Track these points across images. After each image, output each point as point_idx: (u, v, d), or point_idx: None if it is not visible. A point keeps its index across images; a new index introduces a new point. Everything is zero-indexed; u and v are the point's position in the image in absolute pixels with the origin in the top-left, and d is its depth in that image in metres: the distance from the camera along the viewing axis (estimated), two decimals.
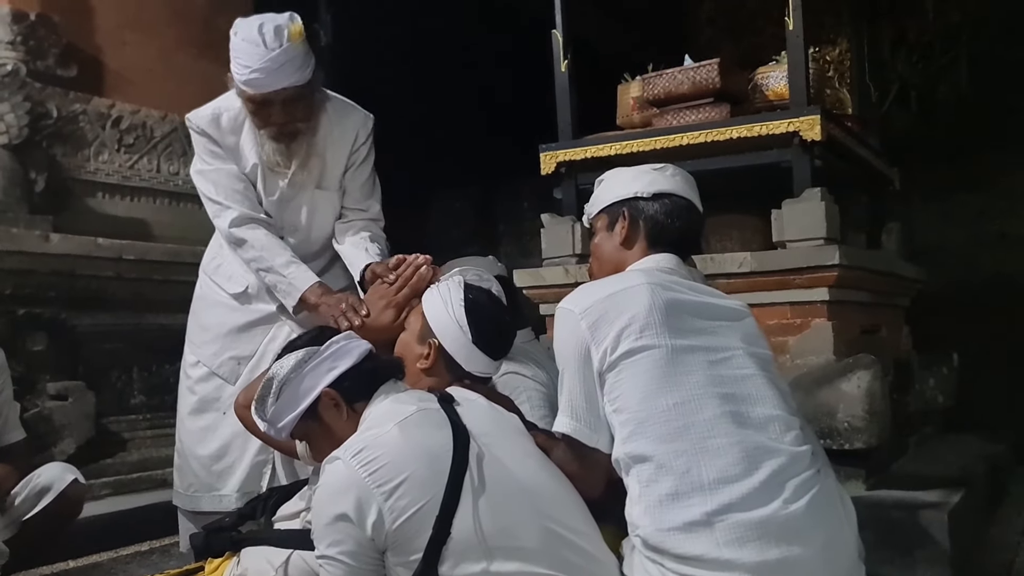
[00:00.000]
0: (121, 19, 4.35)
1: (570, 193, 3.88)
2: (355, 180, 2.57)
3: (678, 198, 1.85)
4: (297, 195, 2.52)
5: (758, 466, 1.53)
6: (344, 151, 2.52)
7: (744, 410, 1.59)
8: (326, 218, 2.57)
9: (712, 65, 3.55)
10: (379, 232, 2.54)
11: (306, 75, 2.34)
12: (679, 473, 1.52)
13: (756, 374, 1.67)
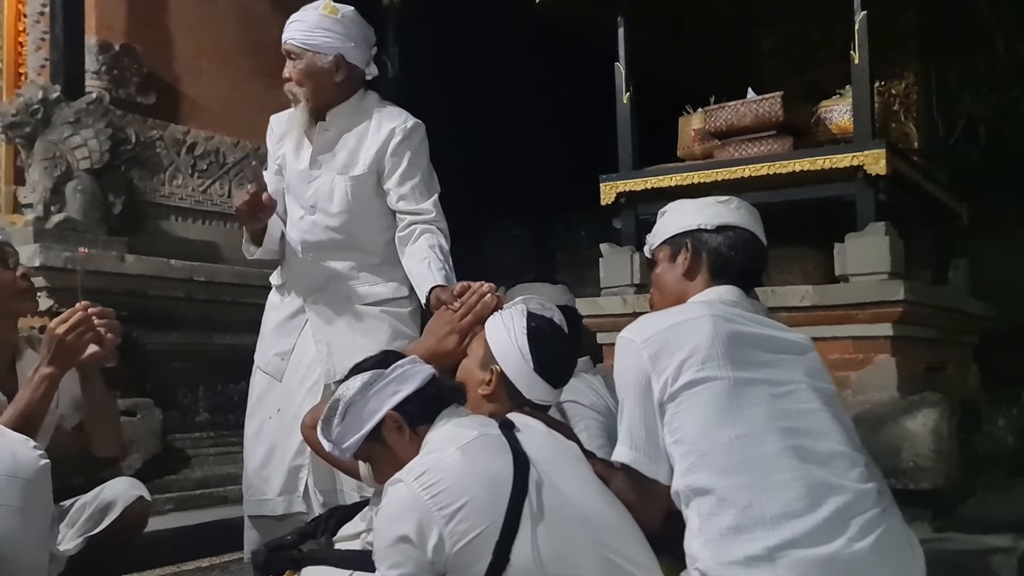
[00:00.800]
0: (198, 50, 4.51)
1: (629, 223, 3.90)
2: (399, 180, 2.52)
3: (742, 231, 1.84)
4: (320, 175, 2.57)
5: (822, 502, 1.50)
6: (375, 144, 2.53)
7: (808, 445, 1.57)
8: (344, 203, 2.55)
9: (775, 98, 3.55)
10: (438, 237, 2.49)
11: (306, 40, 2.49)
12: (741, 507, 1.50)
13: (820, 409, 1.64)
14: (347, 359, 2.46)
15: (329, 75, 2.52)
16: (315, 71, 2.52)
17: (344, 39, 2.52)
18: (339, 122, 2.57)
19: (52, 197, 3.85)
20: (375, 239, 2.58)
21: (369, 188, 2.55)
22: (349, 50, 2.53)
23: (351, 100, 2.58)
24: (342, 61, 2.52)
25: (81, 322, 2.07)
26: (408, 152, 2.53)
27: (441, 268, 2.41)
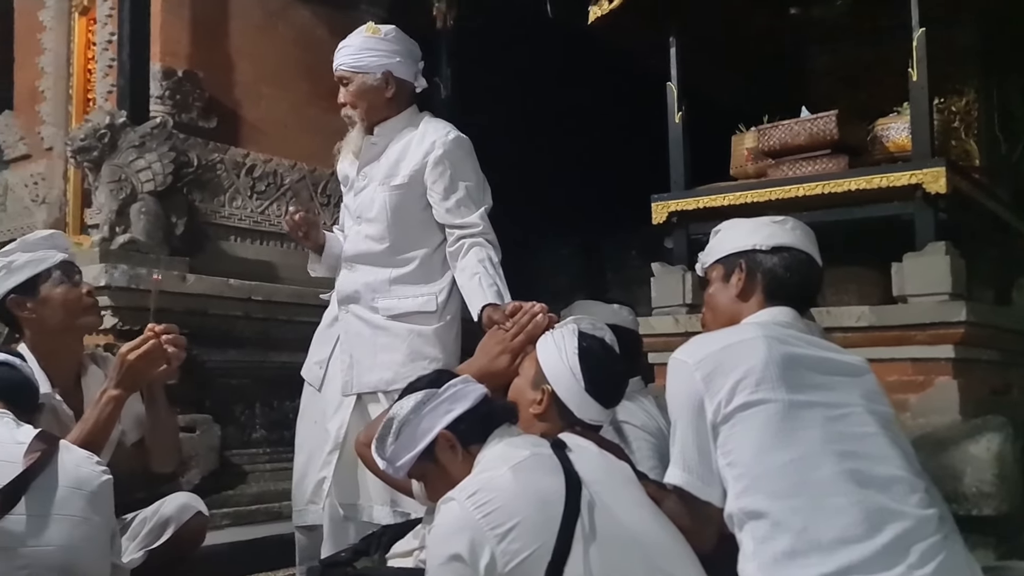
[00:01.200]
0: (258, 74, 4.62)
1: (681, 243, 3.88)
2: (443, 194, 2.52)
3: (797, 252, 1.82)
4: (365, 187, 2.62)
5: (881, 528, 1.47)
6: (417, 156, 2.56)
7: (865, 469, 1.54)
8: (383, 213, 2.58)
9: (830, 117, 3.51)
10: (487, 250, 2.50)
11: (355, 63, 2.58)
12: (796, 531, 1.47)
13: (878, 432, 1.61)
14: (366, 373, 2.51)
15: (380, 92, 2.59)
16: (366, 90, 2.59)
17: (390, 55, 2.59)
18: (386, 135, 2.63)
19: (117, 218, 3.97)
20: (413, 251, 2.59)
21: (410, 199, 2.57)
22: (396, 65, 2.59)
23: (401, 115, 2.64)
24: (391, 76, 2.58)
25: (153, 350, 2.13)
26: (450, 165, 2.54)
27: (492, 284, 2.42)
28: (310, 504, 2.55)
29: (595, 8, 3.89)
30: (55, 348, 2.29)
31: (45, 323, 2.28)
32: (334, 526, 2.53)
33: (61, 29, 4.76)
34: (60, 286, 2.29)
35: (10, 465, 1.67)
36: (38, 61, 4.80)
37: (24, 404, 1.91)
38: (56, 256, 2.32)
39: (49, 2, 4.77)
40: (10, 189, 4.93)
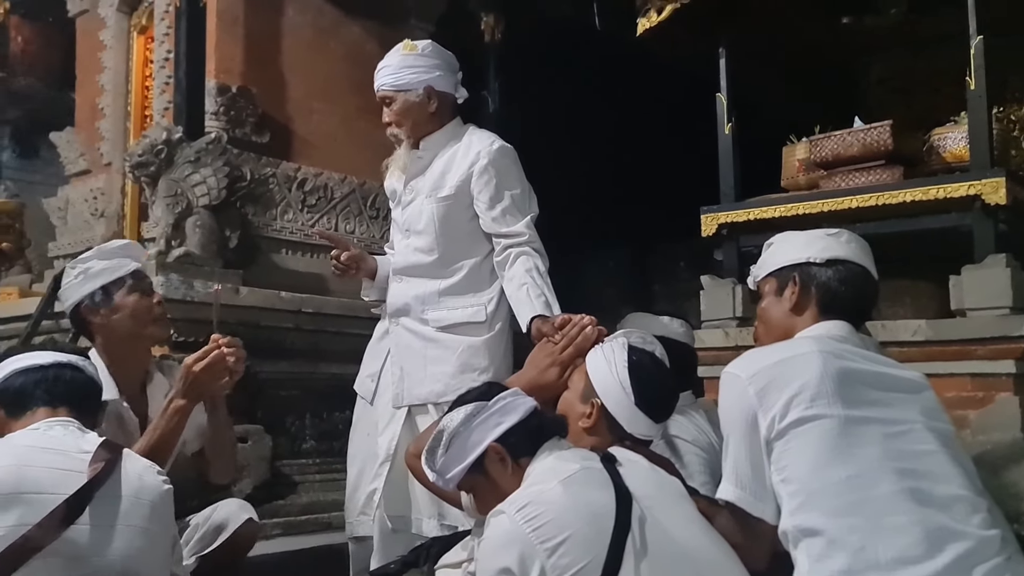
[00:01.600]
0: (309, 90, 4.70)
1: (731, 255, 3.83)
2: (488, 203, 2.54)
3: (853, 265, 1.79)
4: (412, 200, 2.65)
5: (941, 548, 1.43)
6: (463, 167, 2.58)
7: (925, 488, 1.50)
8: (431, 225, 2.60)
9: (884, 127, 3.45)
10: (534, 259, 2.50)
11: (396, 82, 2.62)
12: (853, 550, 1.44)
13: (938, 450, 1.58)
14: (417, 385, 2.53)
15: (423, 108, 2.62)
16: (410, 107, 2.62)
17: (429, 70, 2.62)
18: (432, 148, 2.66)
19: (173, 232, 4.06)
20: (461, 262, 2.60)
21: (457, 210, 2.59)
22: (436, 79, 2.62)
23: (446, 127, 2.66)
24: (432, 91, 2.62)
25: (217, 361, 2.18)
26: (495, 174, 2.56)
27: (540, 295, 2.42)
28: (361, 515, 2.58)
29: (644, 20, 3.87)
30: (124, 355, 2.35)
31: (115, 330, 2.34)
32: (383, 538, 2.54)
33: (120, 48, 4.90)
34: (132, 295, 2.35)
35: (75, 475, 1.69)
36: (98, 79, 4.94)
37: (89, 407, 1.93)
38: (130, 265, 2.39)
39: (110, 22, 4.91)
40: (71, 203, 5.07)
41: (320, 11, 4.73)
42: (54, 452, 1.72)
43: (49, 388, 1.85)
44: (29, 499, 1.63)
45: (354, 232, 4.76)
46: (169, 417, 2.18)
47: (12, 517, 1.60)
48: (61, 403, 1.85)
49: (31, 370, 1.87)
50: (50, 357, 1.90)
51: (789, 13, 4.16)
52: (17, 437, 1.78)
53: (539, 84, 6.09)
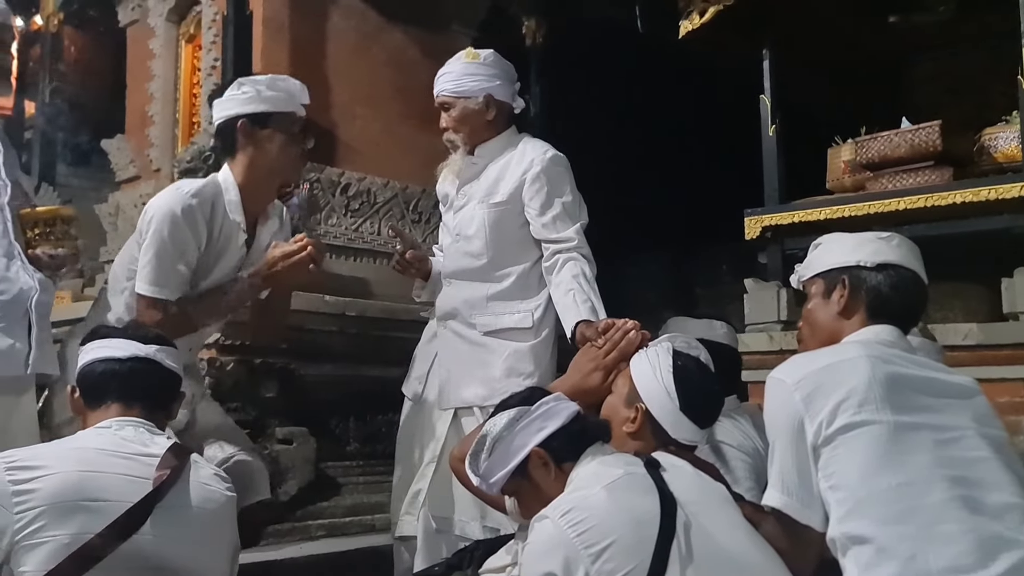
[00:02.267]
0: (353, 96, 4.75)
1: (776, 258, 3.80)
2: (539, 210, 2.57)
3: (904, 270, 1.76)
4: (465, 205, 2.68)
5: (995, 558, 1.40)
6: (516, 174, 2.61)
7: (978, 496, 1.48)
8: (482, 231, 2.62)
9: (933, 127, 3.40)
10: (581, 265, 2.52)
11: (456, 88, 2.65)
12: (903, 559, 1.42)
13: (990, 457, 1.55)
14: (463, 388, 2.55)
15: (481, 115, 2.65)
16: (468, 115, 2.66)
17: (490, 79, 2.65)
18: (487, 155, 2.69)
19: None
20: (511, 268, 2.63)
21: (509, 217, 2.62)
22: (496, 88, 2.65)
23: (501, 136, 2.70)
24: (491, 100, 2.65)
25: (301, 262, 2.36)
26: (547, 182, 2.59)
27: (586, 300, 2.43)
28: (406, 515, 2.61)
29: (686, 22, 3.86)
30: (256, 185, 2.46)
31: (259, 158, 2.44)
32: (427, 538, 2.56)
33: (169, 56, 5.00)
34: (287, 135, 2.48)
35: (141, 482, 1.69)
36: (148, 87, 5.05)
37: (163, 402, 1.93)
38: (295, 108, 2.51)
39: (159, 31, 5.01)
40: (121, 209, 5.18)
41: (363, 17, 4.78)
42: (122, 457, 1.72)
43: (124, 383, 1.84)
44: (93, 507, 1.62)
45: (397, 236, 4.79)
46: (242, 285, 2.37)
47: (74, 525, 1.60)
48: (135, 400, 1.85)
49: (108, 361, 1.86)
50: (128, 349, 1.87)
51: (834, 13, 4.12)
52: (88, 438, 1.78)
53: (581, 87, 6.09)
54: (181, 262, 2.35)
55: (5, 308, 2.30)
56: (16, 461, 1.64)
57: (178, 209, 2.34)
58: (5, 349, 2.29)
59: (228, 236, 2.41)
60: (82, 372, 1.89)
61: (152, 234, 2.34)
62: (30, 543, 1.58)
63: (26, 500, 1.59)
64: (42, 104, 5.80)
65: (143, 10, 5.13)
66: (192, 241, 2.35)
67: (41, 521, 1.59)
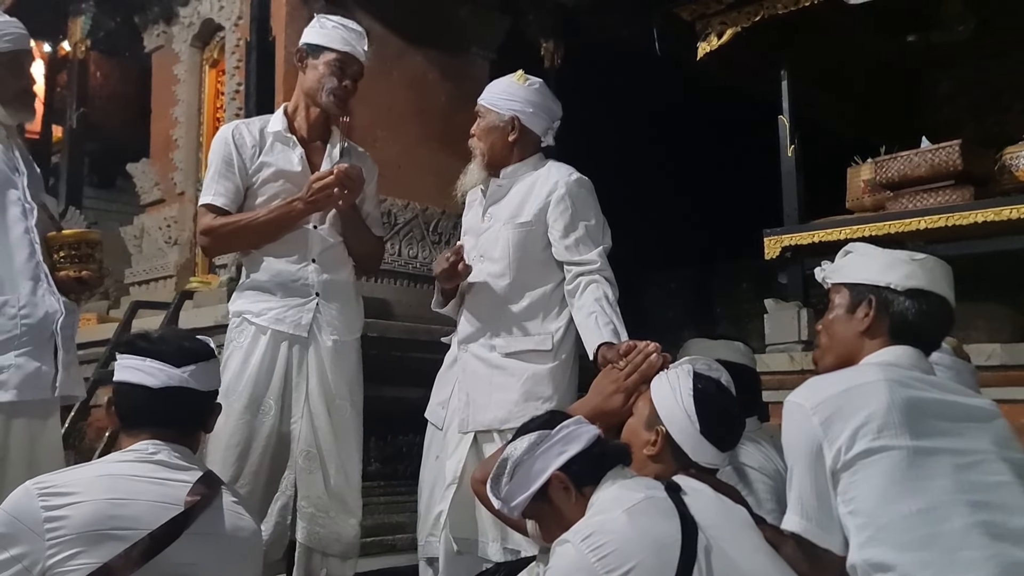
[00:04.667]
0: (373, 118, 4.80)
1: (796, 278, 3.80)
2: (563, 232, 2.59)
3: (933, 296, 1.73)
4: (490, 227, 2.69)
5: None
6: (540, 196, 2.62)
7: (999, 521, 1.47)
8: (505, 252, 2.64)
9: (953, 146, 3.40)
10: (604, 287, 2.53)
11: (490, 100, 2.73)
12: None
13: (1011, 481, 1.54)
14: (482, 412, 2.56)
15: (503, 134, 2.68)
16: (491, 129, 2.70)
17: (523, 104, 2.68)
18: (512, 177, 2.71)
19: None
20: (532, 290, 2.63)
21: (533, 238, 2.63)
22: (526, 114, 2.68)
23: (527, 160, 2.72)
24: (516, 122, 2.67)
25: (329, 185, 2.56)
26: (571, 204, 2.61)
27: (608, 322, 2.44)
28: (430, 537, 2.62)
29: (704, 44, 3.88)
30: (297, 109, 2.77)
31: (303, 83, 2.76)
32: (448, 560, 2.57)
33: (193, 81, 5.08)
34: (332, 68, 2.70)
35: (173, 509, 1.69)
36: (172, 112, 5.13)
37: (197, 420, 1.92)
38: (348, 47, 2.71)
39: (183, 56, 5.10)
40: (146, 232, 5.25)
41: (384, 41, 4.84)
42: (154, 483, 1.72)
43: (156, 413, 1.83)
44: (123, 535, 1.61)
45: (416, 257, 4.83)
46: (281, 207, 2.63)
47: (104, 553, 1.59)
48: (168, 425, 1.83)
49: (141, 388, 1.83)
50: (160, 377, 1.83)
51: (853, 32, 4.12)
52: (119, 464, 1.77)
53: (599, 108, 6.12)
54: (230, 174, 2.71)
55: (32, 332, 2.35)
56: (48, 487, 1.64)
57: (227, 130, 2.78)
58: (32, 372, 2.33)
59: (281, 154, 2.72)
60: (116, 390, 1.89)
61: (210, 155, 2.78)
62: (60, 571, 1.59)
63: (58, 528, 1.60)
64: (69, 128, 5.89)
65: (168, 36, 5.22)
66: (236, 155, 2.71)
67: (71, 549, 1.59)
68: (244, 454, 2.57)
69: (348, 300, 2.80)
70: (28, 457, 2.33)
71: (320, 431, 2.64)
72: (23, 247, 2.41)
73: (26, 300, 2.36)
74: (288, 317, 2.65)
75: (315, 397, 2.65)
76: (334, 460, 2.65)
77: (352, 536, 2.68)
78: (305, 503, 2.61)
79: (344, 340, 2.76)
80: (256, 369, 2.62)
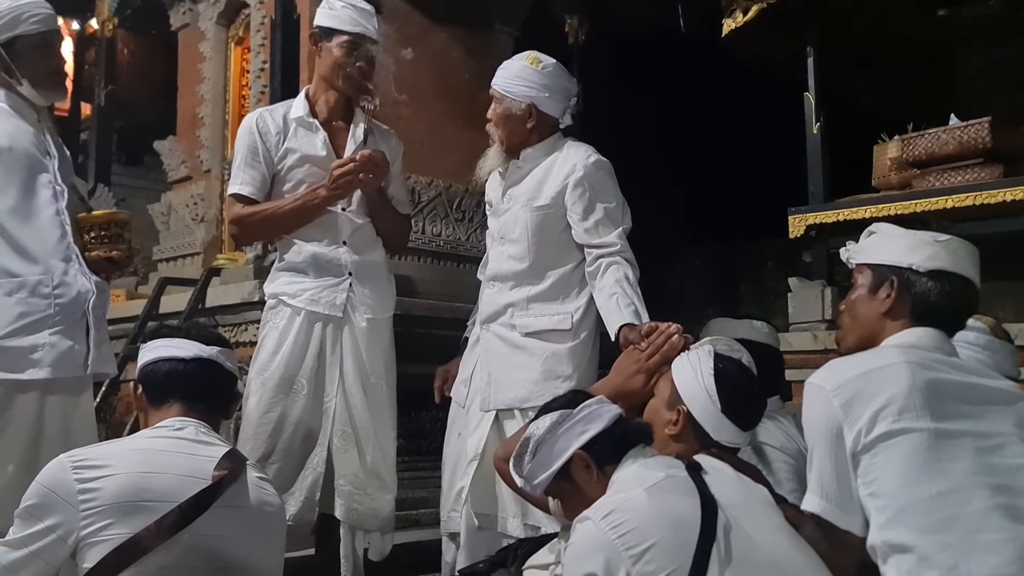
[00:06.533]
0: (398, 96, 4.80)
1: (820, 257, 3.77)
2: (582, 215, 2.59)
3: (957, 277, 1.71)
4: (509, 209, 2.71)
5: None
6: (559, 178, 2.62)
7: (1020, 504, 1.46)
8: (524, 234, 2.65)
9: (982, 124, 3.35)
10: (624, 269, 2.54)
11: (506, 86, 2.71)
12: (945, 568, 1.42)
13: None
14: (503, 391, 2.58)
15: (521, 121, 2.67)
16: (509, 116, 2.68)
17: (539, 89, 2.65)
18: (531, 160, 2.72)
19: None
20: (551, 271, 2.65)
21: (551, 220, 2.64)
22: (543, 100, 2.66)
23: (545, 141, 2.71)
24: (534, 109, 2.66)
25: (352, 171, 2.63)
26: (589, 187, 2.60)
27: (629, 304, 2.45)
28: (452, 512, 2.66)
29: (729, 20, 3.84)
30: (320, 90, 2.80)
31: (320, 67, 2.80)
32: (469, 534, 2.61)
33: (219, 59, 5.10)
34: (345, 50, 2.72)
35: (202, 482, 1.73)
36: (198, 90, 5.16)
37: (223, 401, 1.98)
38: (359, 28, 2.73)
39: (209, 35, 5.12)
40: (173, 209, 5.31)
41: (408, 19, 4.83)
42: (183, 456, 1.77)
43: (187, 383, 1.89)
44: (152, 507, 1.66)
45: (440, 234, 4.84)
46: (304, 196, 2.69)
47: (135, 524, 1.64)
48: (197, 400, 1.89)
49: (172, 360, 1.90)
50: (192, 349, 1.92)
51: (881, 7, 4.06)
52: (149, 439, 1.83)
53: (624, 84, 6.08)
54: (256, 163, 2.76)
55: (64, 311, 2.41)
56: (82, 460, 1.70)
57: (251, 119, 2.82)
58: (65, 350, 2.39)
59: (305, 139, 2.75)
60: (145, 370, 1.94)
61: (235, 144, 2.83)
62: (93, 540, 1.64)
63: (91, 499, 1.65)
64: (97, 106, 5.95)
65: (194, 14, 5.24)
66: (261, 144, 2.75)
67: (104, 520, 1.65)
68: (276, 431, 2.63)
69: (380, 279, 2.83)
70: (63, 432, 2.40)
71: (356, 409, 2.69)
72: (55, 228, 2.45)
73: (59, 280, 2.41)
74: (323, 298, 2.69)
75: (350, 376, 2.69)
76: (371, 438, 2.70)
77: (389, 511, 2.73)
78: (342, 481, 2.65)
79: (378, 319, 2.79)
80: (290, 349, 2.66)
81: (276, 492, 1.91)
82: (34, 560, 1.66)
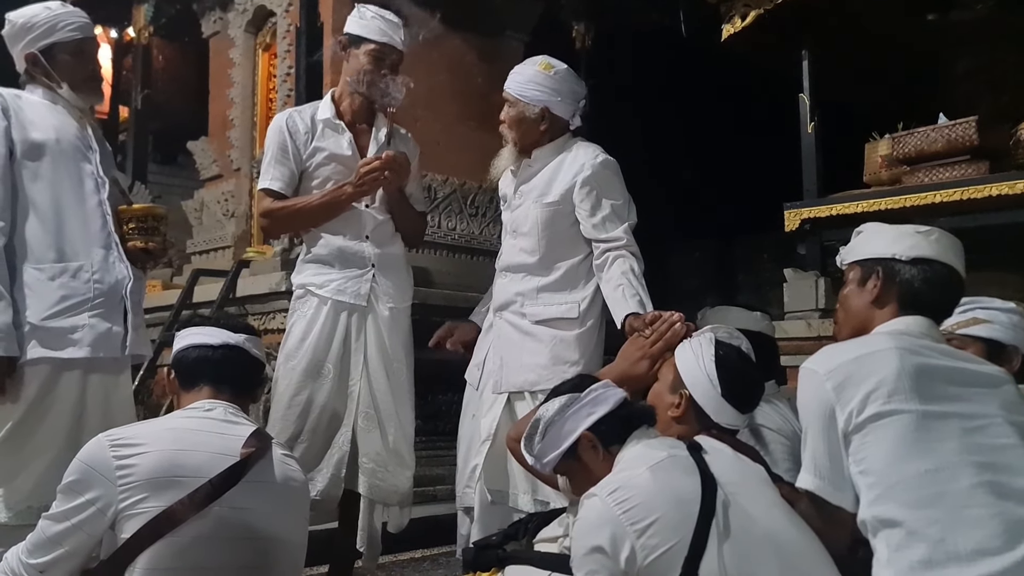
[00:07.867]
0: (414, 99, 4.72)
1: (814, 250, 3.76)
2: (590, 211, 2.58)
3: (939, 265, 1.71)
4: (521, 204, 2.70)
5: (1020, 541, 1.38)
6: (568, 176, 2.61)
7: (1005, 481, 1.45)
8: (535, 228, 2.64)
9: (969, 123, 3.32)
10: (630, 262, 2.53)
11: (519, 90, 2.69)
12: (932, 541, 1.41)
13: (1017, 444, 1.52)
14: (514, 374, 2.59)
15: (535, 124, 2.66)
16: (522, 119, 2.67)
17: (552, 93, 2.64)
18: (542, 158, 2.71)
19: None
20: (559, 263, 2.64)
21: (560, 216, 2.63)
22: (555, 103, 2.65)
23: (556, 141, 2.70)
24: (547, 113, 2.65)
25: (375, 168, 2.63)
26: (597, 185, 2.59)
27: (635, 294, 2.45)
28: (466, 488, 2.67)
29: (728, 26, 3.82)
30: (345, 94, 2.81)
31: (346, 71, 2.80)
32: (482, 509, 2.61)
33: (247, 64, 5.12)
34: (371, 58, 2.73)
35: (231, 459, 1.73)
36: (228, 93, 5.17)
37: (250, 385, 1.98)
38: (386, 38, 2.74)
39: (238, 42, 5.13)
40: (205, 205, 5.33)
41: (424, 25, 4.82)
42: (214, 435, 1.78)
43: (215, 368, 1.90)
44: (185, 482, 1.68)
45: (455, 229, 4.85)
46: (333, 195, 2.68)
47: (169, 497, 1.66)
48: (225, 384, 1.91)
49: (202, 347, 1.92)
50: (220, 337, 1.93)
51: (872, 12, 4.02)
52: (181, 419, 1.85)
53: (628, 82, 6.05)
54: (285, 160, 2.75)
55: (103, 295, 2.43)
56: (119, 439, 1.71)
57: (281, 119, 2.80)
58: (104, 332, 2.41)
59: (332, 139, 2.75)
60: (177, 356, 1.96)
61: (265, 142, 2.81)
62: (131, 513, 1.66)
63: (128, 475, 1.67)
64: (134, 109, 5.98)
65: (224, 22, 5.25)
66: (290, 142, 2.74)
67: (140, 494, 1.66)
68: (304, 413, 2.65)
69: (400, 271, 2.84)
70: (103, 410, 2.42)
71: (379, 392, 2.70)
72: (96, 218, 2.48)
73: (99, 266, 2.44)
74: (348, 288, 2.71)
75: (374, 361, 2.71)
76: (393, 419, 2.71)
77: (408, 487, 2.75)
78: (365, 459, 2.67)
79: (399, 308, 2.80)
80: (317, 336, 2.68)
81: (300, 468, 1.92)
82: (76, 531, 1.68)
